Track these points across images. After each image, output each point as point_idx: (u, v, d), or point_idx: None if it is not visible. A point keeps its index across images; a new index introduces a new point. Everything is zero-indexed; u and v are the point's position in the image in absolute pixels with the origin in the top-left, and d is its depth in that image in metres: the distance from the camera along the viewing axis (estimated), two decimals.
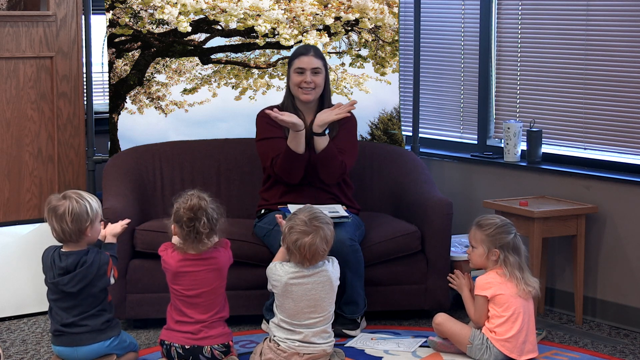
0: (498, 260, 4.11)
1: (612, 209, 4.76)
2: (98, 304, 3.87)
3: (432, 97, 5.72)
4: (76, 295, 3.83)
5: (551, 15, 5.09)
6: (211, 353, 3.87)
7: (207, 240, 3.89)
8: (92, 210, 3.84)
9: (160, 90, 5.18)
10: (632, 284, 4.70)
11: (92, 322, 3.86)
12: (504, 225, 4.14)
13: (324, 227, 3.95)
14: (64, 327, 3.86)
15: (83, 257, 3.84)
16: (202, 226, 3.85)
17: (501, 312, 4.07)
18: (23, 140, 4.92)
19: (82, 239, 3.85)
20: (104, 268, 3.85)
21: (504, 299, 4.07)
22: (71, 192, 3.89)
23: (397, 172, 5.10)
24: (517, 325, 4.06)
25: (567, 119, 5.07)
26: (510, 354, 4.06)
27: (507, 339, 4.06)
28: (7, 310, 4.78)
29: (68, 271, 3.83)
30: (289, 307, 3.95)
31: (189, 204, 3.87)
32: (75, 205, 3.82)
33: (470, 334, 4.10)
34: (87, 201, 3.84)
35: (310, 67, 4.58)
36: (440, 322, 4.18)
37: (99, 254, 3.86)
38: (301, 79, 4.59)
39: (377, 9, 5.32)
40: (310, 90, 4.60)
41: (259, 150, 4.67)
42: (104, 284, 3.88)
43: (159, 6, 5.09)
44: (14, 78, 4.87)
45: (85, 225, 3.82)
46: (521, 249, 4.15)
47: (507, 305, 4.07)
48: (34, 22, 4.89)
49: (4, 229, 4.86)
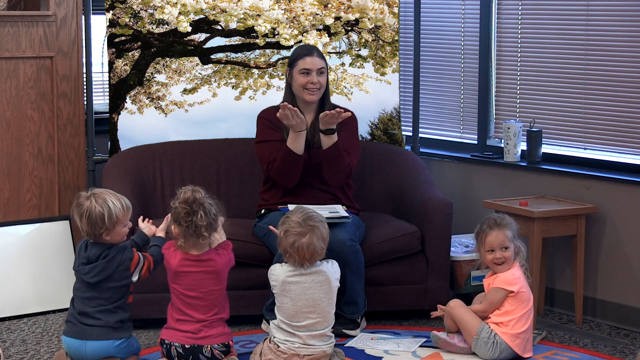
0: (519, 252, 4.18)
1: (612, 209, 4.76)
2: (116, 301, 3.88)
3: (432, 97, 5.72)
4: (94, 286, 3.85)
5: (551, 15, 5.09)
6: (211, 352, 3.87)
7: (206, 233, 3.87)
8: (110, 217, 3.81)
9: (160, 90, 5.18)
10: (632, 284, 4.70)
11: (105, 317, 3.86)
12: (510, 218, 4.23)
13: (319, 226, 3.95)
14: (78, 316, 3.87)
15: (106, 251, 3.86)
16: (199, 219, 3.83)
17: (520, 309, 4.11)
18: (23, 140, 4.92)
19: (101, 240, 3.86)
20: (126, 264, 3.86)
21: (525, 296, 4.13)
22: (98, 193, 3.87)
23: (397, 172, 5.10)
24: (530, 322, 4.12)
25: (567, 119, 5.07)
26: (517, 349, 4.09)
27: (518, 334, 4.08)
28: (7, 310, 4.78)
29: (90, 261, 3.85)
30: (288, 306, 3.95)
31: (183, 197, 3.87)
32: (93, 210, 3.82)
33: (479, 326, 4.11)
34: (107, 207, 3.82)
35: (316, 68, 4.58)
36: (454, 307, 4.19)
37: (122, 250, 3.87)
38: (307, 80, 4.59)
39: (377, 9, 5.32)
40: (315, 91, 4.61)
41: (257, 153, 4.67)
42: (125, 281, 3.88)
43: (159, 6, 5.09)
44: (14, 78, 4.88)
45: (100, 231, 3.83)
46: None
47: (527, 303, 4.13)
48: (34, 22, 4.89)
49: (4, 229, 4.86)
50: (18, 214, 4.94)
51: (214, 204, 3.91)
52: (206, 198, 3.90)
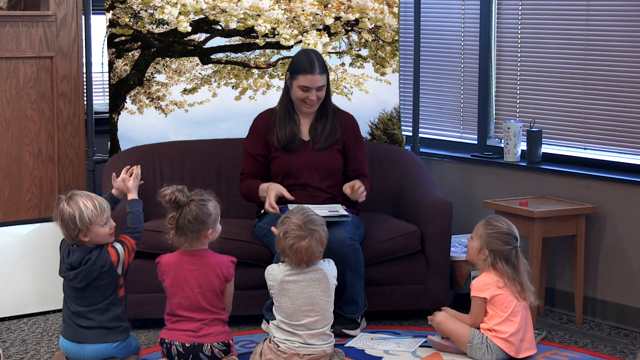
0: (486, 261, 4.12)
1: (612, 209, 4.76)
2: (106, 298, 3.87)
3: (432, 97, 5.72)
4: (82, 290, 3.86)
5: (551, 15, 5.09)
6: (211, 351, 3.87)
7: (198, 211, 3.88)
8: (81, 219, 3.80)
9: (160, 90, 5.18)
10: (632, 284, 4.70)
11: (99, 317, 3.86)
12: (507, 234, 4.12)
13: (319, 230, 3.95)
14: (73, 316, 3.87)
15: (86, 255, 3.85)
16: (187, 216, 3.87)
17: (500, 312, 4.08)
18: (23, 140, 4.92)
19: (79, 241, 3.85)
20: (108, 264, 3.85)
21: (502, 299, 4.08)
22: (74, 195, 3.86)
23: (397, 172, 5.10)
24: (515, 324, 4.07)
25: (567, 119, 5.07)
26: (510, 351, 4.07)
27: (507, 338, 4.06)
28: (7, 310, 4.78)
29: (73, 267, 3.85)
30: (286, 306, 3.95)
31: (164, 199, 3.90)
32: (65, 212, 3.82)
33: (470, 333, 4.11)
34: (79, 208, 3.80)
35: (315, 87, 4.58)
36: (440, 321, 4.19)
37: (101, 253, 3.86)
38: (305, 96, 4.60)
39: (377, 9, 5.32)
40: (313, 105, 4.62)
41: (243, 153, 4.72)
42: (112, 277, 3.87)
43: (159, 6, 5.09)
44: (14, 78, 4.87)
45: (74, 233, 3.82)
46: (519, 265, 4.12)
47: (506, 305, 4.08)
48: (34, 22, 4.89)
49: (4, 229, 4.86)
50: (18, 214, 4.93)
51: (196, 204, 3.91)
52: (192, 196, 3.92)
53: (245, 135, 4.76)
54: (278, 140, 4.63)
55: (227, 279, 3.95)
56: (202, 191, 3.96)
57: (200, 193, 3.94)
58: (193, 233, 3.90)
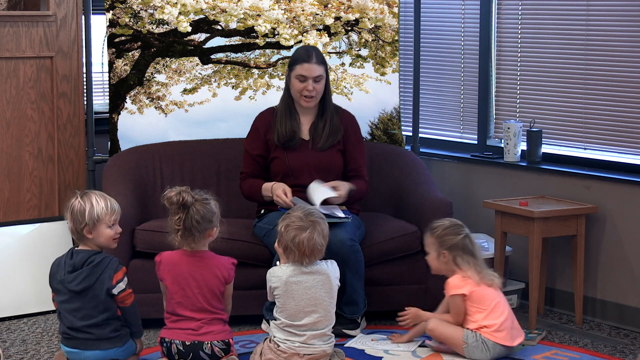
0: (449, 262, 4.14)
1: (612, 209, 4.76)
2: (104, 311, 3.84)
3: (432, 97, 5.72)
4: (79, 295, 3.83)
5: (551, 15, 5.09)
6: (211, 349, 3.87)
7: (196, 233, 3.88)
8: (90, 214, 3.81)
9: (160, 90, 5.18)
10: (632, 284, 4.70)
11: (97, 331, 3.83)
12: (452, 226, 4.18)
13: (320, 222, 3.96)
14: (71, 331, 3.85)
15: (92, 256, 3.84)
16: (193, 218, 3.87)
17: (481, 307, 4.09)
18: (23, 140, 4.92)
19: (84, 238, 3.85)
20: (110, 273, 3.82)
21: (479, 293, 4.10)
22: (88, 192, 3.89)
23: (397, 172, 5.10)
24: (500, 313, 4.09)
25: (567, 119, 5.07)
26: (505, 341, 4.08)
27: (498, 329, 4.07)
28: (7, 310, 4.78)
29: (75, 268, 3.84)
30: (290, 306, 3.95)
31: (170, 200, 3.89)
32: (76, 206, 3.83)
33: (463, 334, 4.11)
34: (90, 203, 3.82)
35: (312, 76, 4.57)
36: (433, 328, 4.18)
37: (109, 258, 3.86)
38: (303, 87, 4.59)
39: (377, 9, 5.33)
40: (311, 98, 4.61)
41: (243, 153, 4.72)
42: (107, 291, 3.82)
43: (159, 6, 5.09)
44: (14, 78, 4.88)
45: (80, 226, 3.82)
46: (474, 250, 4.16)
47: (485, 298, 4.10)
48: (34, 22, 4.89)
49: (4, 229, 4.86)
50: (18, 214, 4.94)
51: (199, 206, 3.91)
52: (196, 196, 3.91)
53: (246, 135, 4.76)
54: (278, 136, 4.63)
55: (227, 281, 3.95)
56: (200, 191, 3.96)
57: (200, 193, 3.94)
58: (200, 233, 3.89)
